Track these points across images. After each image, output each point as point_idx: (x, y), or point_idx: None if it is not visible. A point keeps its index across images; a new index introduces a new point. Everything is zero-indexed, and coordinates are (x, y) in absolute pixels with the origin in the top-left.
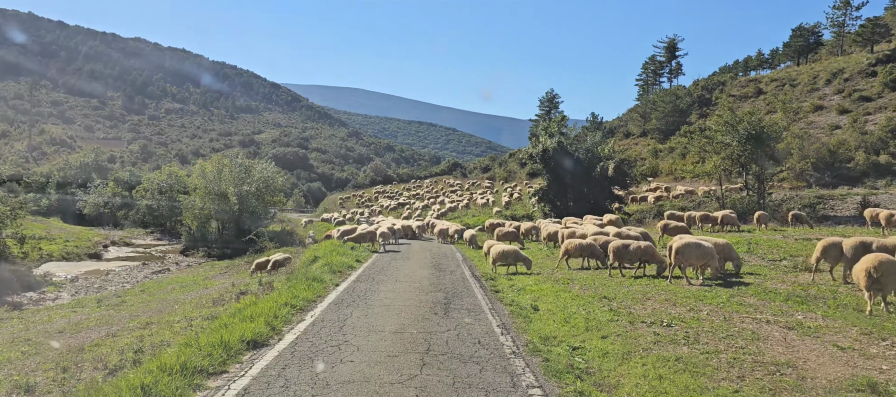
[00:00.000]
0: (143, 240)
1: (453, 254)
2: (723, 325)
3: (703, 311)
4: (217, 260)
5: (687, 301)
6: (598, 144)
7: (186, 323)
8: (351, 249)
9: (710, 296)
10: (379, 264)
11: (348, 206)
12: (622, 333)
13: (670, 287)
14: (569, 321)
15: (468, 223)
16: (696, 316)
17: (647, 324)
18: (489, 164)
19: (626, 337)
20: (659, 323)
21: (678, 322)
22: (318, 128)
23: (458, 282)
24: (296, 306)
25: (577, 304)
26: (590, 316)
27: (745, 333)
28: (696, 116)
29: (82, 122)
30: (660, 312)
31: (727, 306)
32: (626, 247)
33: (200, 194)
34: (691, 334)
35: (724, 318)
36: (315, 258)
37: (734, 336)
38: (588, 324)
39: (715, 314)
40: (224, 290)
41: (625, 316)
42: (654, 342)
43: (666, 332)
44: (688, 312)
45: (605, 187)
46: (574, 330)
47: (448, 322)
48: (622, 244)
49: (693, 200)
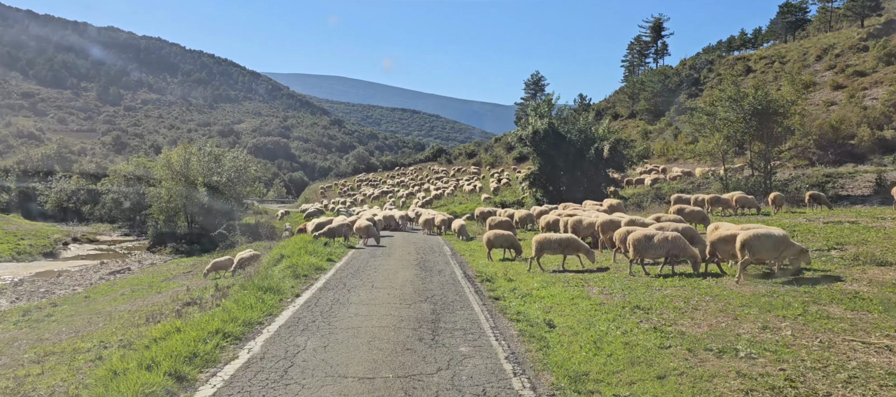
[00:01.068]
0: (110, 236)
1: (441, 248)
2: (830, 357)
3: (784, 331)
4: (185, 256)
5: (749, 312)
6: (591, 125)
7: (97, 352)
8: (324, 246)
9: (779, 304)
10: (354, 264)
11: (330, 196)
12: (686, 371)
13: (714, 289)
14: (601, 347)
15: (455, 211)
16: (781, 340)
17: (716, 354)
18: (475, 150)
19: (695, 379)
20: (731, 351)
21: (760, 350)
22: (299, 117)
23: (449, 285)
24: (231, 335)
25: (604, 318)
26: (629, 338)
27: (875, 371)
28: (685, 96)
29: (55, 115)
30: (723, 332)
31: (812, 321)
32: (649, 238)
33: (167, 186)
34: (792, 373)
35: (823, 343)
36: (281, 257)
37: (860, 378)
38: (631, 354)
39: (804, 335)
40: (171, 299)
41: (677, 339)
42: (743, 390)
43: (751, 369)
44: (762, 331)
45: (600, 170)
46: (613, 364)
47: (438, 354)
48: (644, 235)
49: (692, 182)
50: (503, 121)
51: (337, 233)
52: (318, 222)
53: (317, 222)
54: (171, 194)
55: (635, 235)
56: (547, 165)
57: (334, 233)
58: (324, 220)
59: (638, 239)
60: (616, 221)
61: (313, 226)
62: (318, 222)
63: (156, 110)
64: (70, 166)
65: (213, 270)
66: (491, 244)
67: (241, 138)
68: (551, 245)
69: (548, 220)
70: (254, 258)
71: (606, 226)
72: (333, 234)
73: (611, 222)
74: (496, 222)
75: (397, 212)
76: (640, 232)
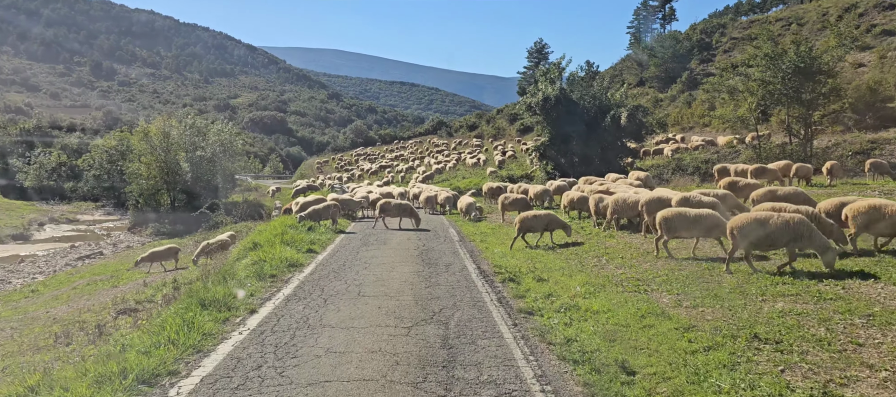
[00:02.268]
0: (92, 215)
1: (446, 231)
2: None
3: None
4: (166, 238)
5: None
6: (606, 90)
7: None
8: (308, 231)
9: None
10: (341, 255)
11: (327, 171)
12: None
13: (863, 298)
14: None
15: (459, 187)
16: None
17: None
18: (476, 122)
19: None
20: None
21: None
22: (296, 91)
23: (461, 289)
24: None
25: (714, 361)
26: None
27: None
28: (697, 62)
29: (48, 90)
30: None
31: None
32: (761, 223)
33: (146, 161)
34: None
35: None
36: (253, 245)
37: None
38: None
39: None
40: (112, 302)
41: None
42: None
43: None
44: None
45: (616, 139)
46: None
47: None
48: (755, 220)
49: (716, 152)
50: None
51: (322, 215)
52: (302, 202)
53: (302, 202)
54: (150, 170)
55: (741, 221)
56: (558, 135)
57: (319, 216)
58: (311, 199)
59: (745, 224)
60: (664, 199)
61: (298, 206)
62: (302, 202)
63: (151, 85)
64: (52, 142)
65: (203, 255)
66: (526, 228)
67: (238, 113)
68: (535, 223)
69: (571, 198)
70: (223, 245)
71: (653, 206)
72: (319, 217)
73: (658, 200)
74: (511, 200)
75: (396, 189)
76: (747, 216)
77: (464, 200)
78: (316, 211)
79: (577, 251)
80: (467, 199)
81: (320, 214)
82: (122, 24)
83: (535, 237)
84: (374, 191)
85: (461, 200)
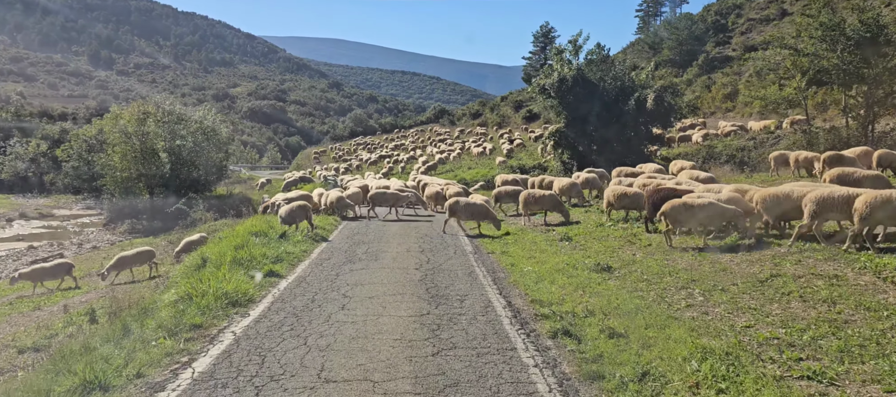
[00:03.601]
0: (69, 209)
1: (455, 239)
2: None
3: None
4: (142, 236)
5: None
6: (629, 70)
7: None
8: (280, 238)
9: None
10: (311, 283)
11: (324, 161)
12: None
13: None
14: None
15: (465, 178)
16: None
17: None
18: (479, 110)
19: None
20: None
21: None
22: (296, 80)
23: (491, 358)
24: None
25: None
26: None
27: None
28: (712, 45)
29: (45, 80)
30: None
31: None
32: None
33: (120, 151)
34: None
35: None
36: (203, 261)
37: None
38: None
39: None
40: (13, 338)
41: None
42: None
43: None
44: None
45: (641, 125)
46: None
47: None
48: None
49: (752, 137)
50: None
51: (296, 216)
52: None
53: (281, 198)
54: (125, 161)
55: None
56: (576, 121)
57: (294, 218)
58: (293, 196)
59: None
60: (780, 195)
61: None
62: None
63: (149, 74)
64: (32, 131)
65: (115, 269)
66: None
67: (236, 102)
68: (466, 211)
69: (619, 194)
70: (143, 257)
71: (772, 204)
72: (292, 220)
73: (775, 199)
74: (536, 199)
75: (395, 182)
76: None
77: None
78: (291, 212)
79: (640, 270)
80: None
81: (294, 216)
82: (119, 13)
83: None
84: (371, 184)
85: (472, 202)
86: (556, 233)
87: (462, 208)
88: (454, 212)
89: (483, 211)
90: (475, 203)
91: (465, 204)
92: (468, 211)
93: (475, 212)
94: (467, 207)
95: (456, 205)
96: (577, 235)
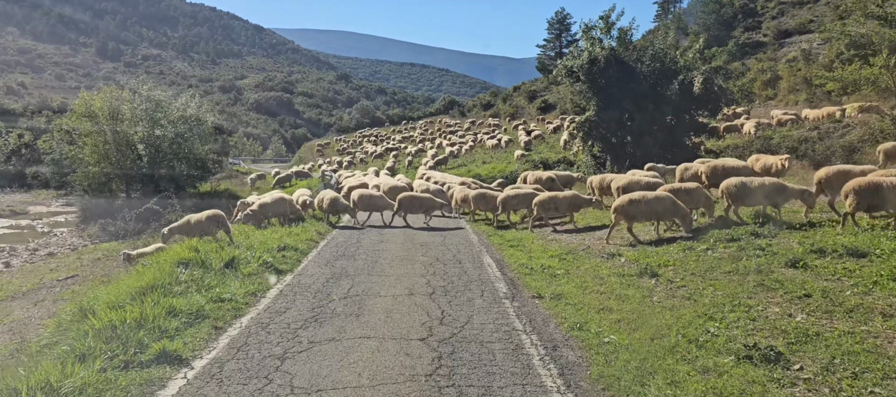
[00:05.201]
0: (47, 206)
1: (477, 261)
2: None
3: None
4: (114, 240)
5: None
6: (669, 48)
7: None
8: (225, 267)
9: None
10: (231, 383)
11: (328, 154)
12: None
13: None
14: None
15: (480, 174)
16: None
17: None
18: (491, 101)
19: None
20: None
21: None
22: (304, 72)
23: None
24: None
25: None
26: None
27: None
28: (741, 30)
29: (53, 71)
30: None
31: None
32: None
33: (90, 143)
34: None
35: None
36: (92, 311)
37: None
38: None
39: None
40: None
41: None
42: None
43: None
44: None
45: (684, 114)
46: None
47: None
48: None
49: (814, 127)
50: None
51: (202, 231)
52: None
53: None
54: (96, 154)
55: None
56: (608, 108)
57: (195, 231)
58: (267, 200)
59: None
60: None
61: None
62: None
63: (157, 66)
64: (16, 122)
65: None
66: None
67: (243, 94)
68: None
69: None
70: None
71: None
72: (189, 234)
73: None
74: (646, 206)
75: (399, 181)
76: None
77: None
78: (193, 225)
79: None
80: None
81: (198, 229)
82: (128, 5)
83: None
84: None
85: (501, 204)
86: (625, 261)
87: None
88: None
89: None
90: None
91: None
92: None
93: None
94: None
95: None
96: (661, 264)
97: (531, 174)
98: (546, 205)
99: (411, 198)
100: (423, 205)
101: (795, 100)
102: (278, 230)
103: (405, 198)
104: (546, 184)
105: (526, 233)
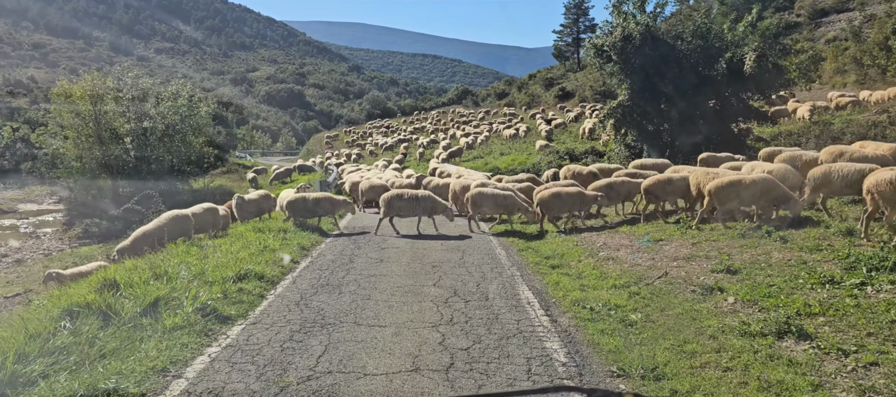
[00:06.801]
0: (38, 203)
1: (511, 290)
2: None
3: None
4: (97, 243)
5: None
6: (712, 23)
7: None
8: (142, 317)
9: None
10: None
11: (337, 146)
12: None
13: None
14: None
15: (497, 167)
16: None
17: None
18: (506, 89)
19: None
20: None
21: None
22: (316, 64)
23: None
24: None
25: None
26: None
27: None
28: (772, 12)
29: (67, 65)
30: None
31: None
32: None
33: (71, 136)
34: None
35: None
36: None
37: None
38: None
39: None
40: None
41: None
42: None
43: None
44: None
45: (732, 98)
46: None
47: None
48: None
49: (884, 110)
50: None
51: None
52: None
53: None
54: (78, 147)
55: None
56: (644, 92)
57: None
58: (254, 197)
59: None
60: None
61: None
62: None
63: (169, 59)
64: (12, 114)
65: None
66: None
67: (255, 87)
68: None
69: None
70: None
71: None
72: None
73: None
74: None
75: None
76: None
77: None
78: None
79: None
80: None
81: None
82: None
83: None
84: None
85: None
86: (734, 302)
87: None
88: None
89: None
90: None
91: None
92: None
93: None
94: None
95: None
96: (804, 314)
97: (567, 168)
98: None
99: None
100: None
101: (843, 83)
102: (252, 244)
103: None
104: (587, 179)
105: (566, 244)
